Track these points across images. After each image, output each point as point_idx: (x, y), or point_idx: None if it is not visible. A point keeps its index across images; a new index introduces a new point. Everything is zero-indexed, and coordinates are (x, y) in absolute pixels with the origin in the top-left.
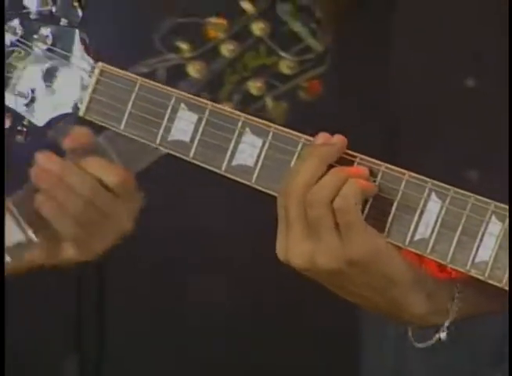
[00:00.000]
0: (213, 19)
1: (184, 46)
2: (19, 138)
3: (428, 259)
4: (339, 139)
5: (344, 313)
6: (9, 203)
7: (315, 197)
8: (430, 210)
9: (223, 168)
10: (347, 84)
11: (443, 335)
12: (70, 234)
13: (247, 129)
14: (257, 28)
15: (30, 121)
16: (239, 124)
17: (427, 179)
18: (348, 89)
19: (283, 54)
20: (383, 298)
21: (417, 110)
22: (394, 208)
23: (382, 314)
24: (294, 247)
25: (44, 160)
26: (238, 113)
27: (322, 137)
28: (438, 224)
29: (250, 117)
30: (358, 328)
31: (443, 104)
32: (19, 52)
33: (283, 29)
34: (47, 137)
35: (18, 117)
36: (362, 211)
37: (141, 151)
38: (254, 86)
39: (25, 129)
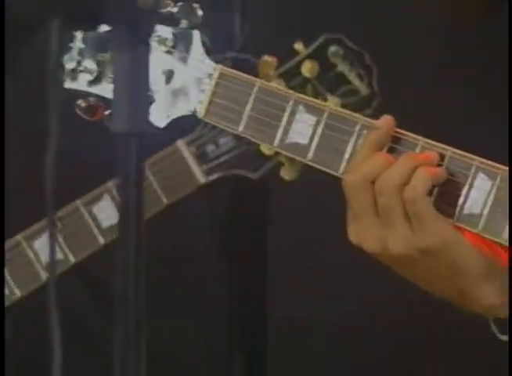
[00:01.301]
0: (266, 57)
1: None
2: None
3: (502, 250)
4: (384, 121)
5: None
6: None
7: (385, 185)
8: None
9: (340, 171)
10: None
11: None
12: None
13: (365, 132)
14: (306, 69)
15: (151, 123)
16: (358, 126)
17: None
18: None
19: (329, 95)
20: (452, 286)
21: None
22: (464, 192)
23: (453, 302)
24: (365, 233)
25: None
26: (357, 115)
27: (381, 120)
28: None
29: (368, 119)
30: None
31: None
32: None
33: (331, 71)
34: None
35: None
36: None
37: (180, 180)
38: None
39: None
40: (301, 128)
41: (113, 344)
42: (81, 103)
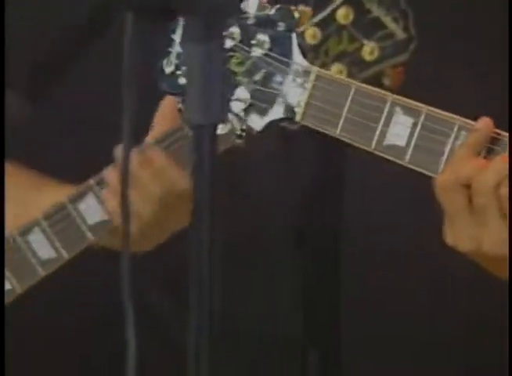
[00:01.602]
0: (301, 7)
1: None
2: (239, 142)
3: None
4: (483, 124)
5: None
6: (92, 182)
7: (481, 186)
8: None
9: (439, 173)
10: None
11: None
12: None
13: (463, 133)
14: (341, 16)
15: (248, 126)
16: (455, 127)
17: None
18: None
19: (365, 41)
20: None
21: None
22: None
23: None
24: (460, 233)
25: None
26: (454, 116)
27: (480, 122)
28: None
29: (466, 120)
30: None
31: None
32: (238, 58)
33: (366, 16)
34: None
35: (238, 121)
36: None
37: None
38: (336, 71)
39: (244, 134)
40: (399, 130)
41: (186, 332)
42: (181, 106)
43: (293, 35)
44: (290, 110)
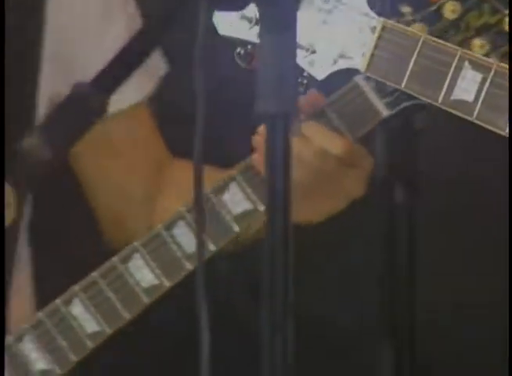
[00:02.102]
0: (404, 8)
1: (407, 9)
2: (301, 90)
3: None
4: None
5: None
6: (234, 172)
7: None
8: None
9: (507, 130)
10: None
11: None
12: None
13: None
14: (449, 10)
15: (310, 74)
16: None
17: None
18: None
19: (507, 11)
20: None
21: None
22: None
23: None
24: None
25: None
26: None
27: None
28: None
29: None
30: None
31: None
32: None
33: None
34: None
35: (299, 70)
36: None
37: (363, 116)
38: (478, 45)
39: (305, 81)
40: (467, 85)
41: (260, 327)
42: (240, 50)
43: None
44: (354, 60)
